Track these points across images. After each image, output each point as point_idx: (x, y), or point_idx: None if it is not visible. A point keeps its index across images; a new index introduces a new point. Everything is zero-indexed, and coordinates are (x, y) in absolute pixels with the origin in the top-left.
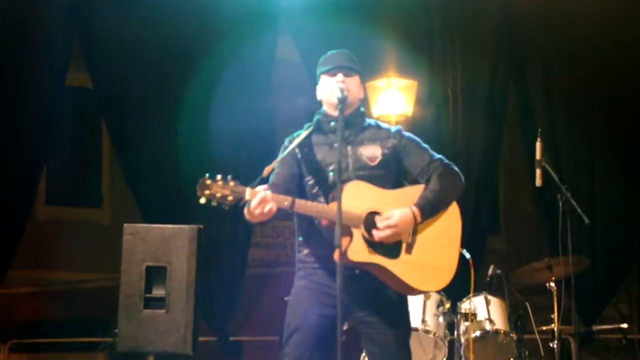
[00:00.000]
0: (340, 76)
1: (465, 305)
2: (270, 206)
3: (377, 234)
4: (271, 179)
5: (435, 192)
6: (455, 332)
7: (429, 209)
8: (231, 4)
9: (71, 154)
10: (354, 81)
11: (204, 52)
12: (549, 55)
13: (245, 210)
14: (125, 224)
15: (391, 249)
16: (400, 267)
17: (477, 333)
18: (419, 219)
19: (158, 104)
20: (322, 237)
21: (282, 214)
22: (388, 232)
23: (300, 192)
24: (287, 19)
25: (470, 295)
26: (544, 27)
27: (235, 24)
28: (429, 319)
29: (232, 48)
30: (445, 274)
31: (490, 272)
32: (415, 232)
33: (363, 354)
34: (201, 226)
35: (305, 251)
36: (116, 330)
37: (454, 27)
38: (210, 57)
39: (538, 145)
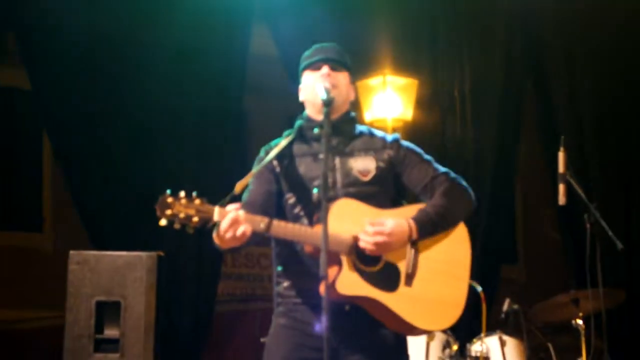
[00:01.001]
0: (325, 69)
1: (475, 347)
2: (244, 229)
3: (364, 239)
4: (244, 196)
5: (437, 207)
6: None
7: (429, 226)
8: None
9: (5, 168)
10: (343, 77)
11: (164, 46)
12: (573, 48)
13: (214, 234)
14: (71, 252)
15: (388, 280)
16: (398, 301)
17: None
18: (414, 234)
19: (110, 108)
20: (305, 267)
21: (257, 239)
22: (378, 238)
23: (279, 212)
24: (262, 6)
25: (482, 335)
26: (567, 15)
27: (201, 13)
28: None
29: (197, 41)
30: (452, 310)
31: (505, 307)
32: (416, 260)
33: None
34: (162, 253)
35: (285, 283)
36: None
37: (461, 15)
38: (171, 52)
39: (561, 155)
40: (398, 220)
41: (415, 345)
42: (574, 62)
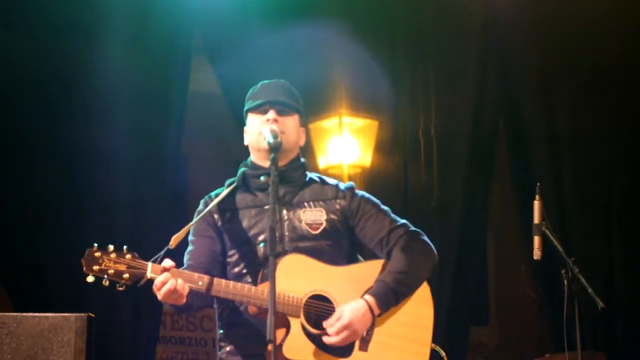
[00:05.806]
0: (272, 113)
1: None
2: (180, 286)
3: (329, 340)
4: (186, 259)
5: (397, 275)
6: None
7: (391, 297)
8: (123, 16)
9: None
10: (292, 121)
11: (87, 79)
12: (553, 84)
13: (154, 288)
14: None
15: None
16: None
17: None
18: (376, 311)
19: (27, 151)
20: (250, 330)
21: (204, 302)
22: (343, 334)
23: (223, 272)
24: (203, 38)
25: None
26: (547, 46)
27: (132, 40)
28: None
29: (131, 77)
30: None
31: None
32: (372, 324)
33: None
34: (92, 314)
35: (228, 348)
36: None
37: (426, 47)
38: (95, 86)
39: (537, 204)
40: (354, 305)
41: None
42: (552, 99)
